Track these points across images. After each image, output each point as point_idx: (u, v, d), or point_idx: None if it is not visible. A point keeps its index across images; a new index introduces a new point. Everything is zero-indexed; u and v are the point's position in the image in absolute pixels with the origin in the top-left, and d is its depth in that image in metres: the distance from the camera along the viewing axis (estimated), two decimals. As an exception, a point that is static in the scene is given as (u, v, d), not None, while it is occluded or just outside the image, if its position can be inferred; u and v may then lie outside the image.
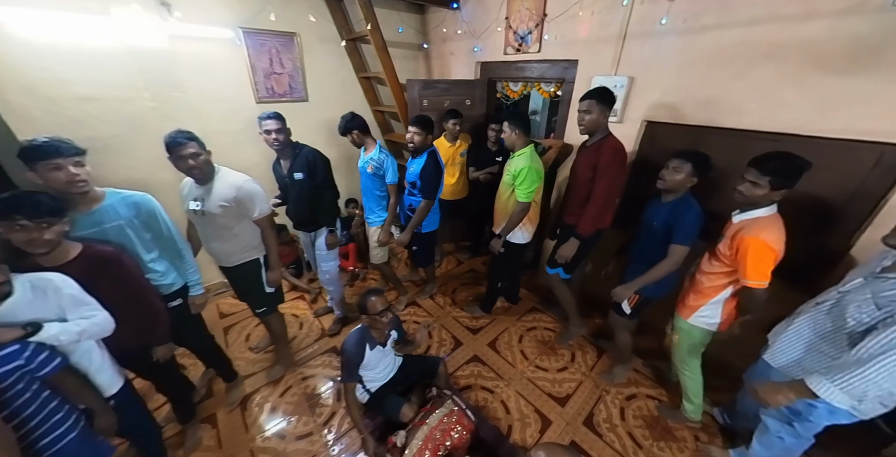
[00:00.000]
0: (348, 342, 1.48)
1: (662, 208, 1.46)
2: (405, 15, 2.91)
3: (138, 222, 1.24)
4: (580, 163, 1.78)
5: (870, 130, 1.31)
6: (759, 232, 1.17)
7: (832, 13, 1.29)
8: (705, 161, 1.37)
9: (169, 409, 1.61)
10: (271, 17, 2.16)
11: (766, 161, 1.16)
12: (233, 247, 1.55)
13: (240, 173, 1.50)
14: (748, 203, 1.23)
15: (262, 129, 1.69)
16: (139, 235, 1.25)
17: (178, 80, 2.06)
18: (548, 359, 2.08)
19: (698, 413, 1.63)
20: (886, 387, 0.86)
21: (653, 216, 1.50)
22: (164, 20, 1.90)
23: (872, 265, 1.03)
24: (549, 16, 2.18)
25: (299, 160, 1.79)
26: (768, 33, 1.44)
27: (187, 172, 1.39)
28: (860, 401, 0.93)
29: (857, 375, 0.88)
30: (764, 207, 1.21)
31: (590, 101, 1.60)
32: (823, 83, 1.36)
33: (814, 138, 1.42)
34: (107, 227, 1.17)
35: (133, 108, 1.95)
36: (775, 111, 1.49)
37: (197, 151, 1.35)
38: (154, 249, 1.31)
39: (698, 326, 1.43)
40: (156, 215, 1.29)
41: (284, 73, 2.49)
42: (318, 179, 1.82)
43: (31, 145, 1.02)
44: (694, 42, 1.64)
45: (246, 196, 1.47)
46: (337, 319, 2.28)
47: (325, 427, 1.65)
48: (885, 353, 0.84)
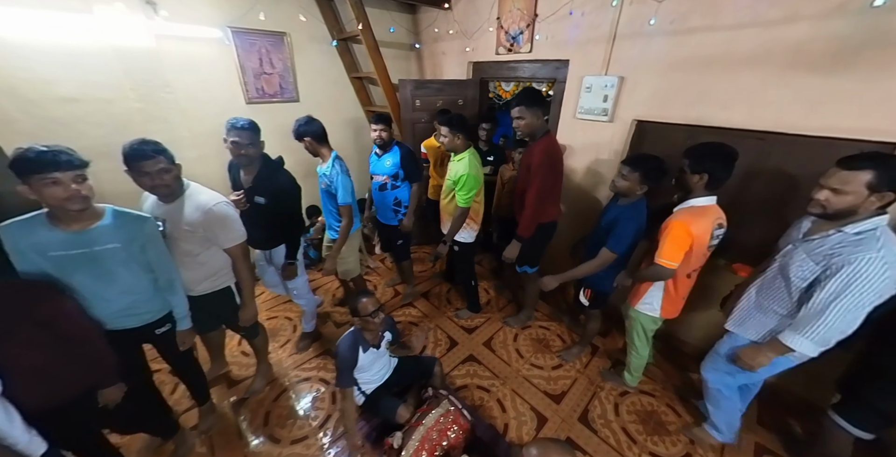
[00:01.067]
0: (341, 345, 1.47)
1: (614, 210, 1.53)
2: (396, 15, 2.90)
3: (135, 246, 1.13)
4: (522, 166, 1.88)
5: (850, 128, 1.34)
6: (684, 217, 1.29)
7: (814, 15, 1.32)
8: (657, 168, 1.38)
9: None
10: (260, 17, 2.13)
11: (692, 152, 1.30)
12: (197, 275, 1.36)
13: (212, 193, 1.32)
14: (685, 192, 1.35)
15: (229, 139, 1.42)
16: (133, 260, 1.14)
17: (166, 81, 2.02)
18: (543, 357, 2.09)
19: (635, 382, 1.84)
20: (841, 328, 1.00)
21: (604, 216, 1.59)
22: (150, 19, 1.86)
23: (794, 234, 1.18)
24: (539, 16, 2.19)
25: (266, 183, 1.54)
26: (753, 35, 1.47)
27: (151, 190, 1.19)
28: (825, 346, 1.05)
29: (820, 324, 1.01)
30: (700, 197, 1.31)
31: (520, 108, 1.61)
32: (806, 83, 1.39)
33: (798, 136, 1.46)
34: (98, 249, 1.04)
35: (118, 109, 1.91)
36: (761, 110, 1.52)
37: (166, 167, 1.16)
38: (149, 275, 1.20)
39: (643, 313, 1.55)
40: (154, 240, 1.18)
41: (275, 74, 2.47)
42: (281, 210, 1.59)
43: (24, 156, 0.89)
44: (682, 43, 1.67)
45: (215, 221, 1.28)
46: (304, 334, 2.12)
47: (321, 430, 1.64)
48: (835, 299, 0.98)
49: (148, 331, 1.27)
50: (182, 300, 1.30)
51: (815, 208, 1.05)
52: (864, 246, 0.95)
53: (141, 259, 1.16)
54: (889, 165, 0.93)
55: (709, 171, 1.25)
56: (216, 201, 1.30)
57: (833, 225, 1.04)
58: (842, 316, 0.98)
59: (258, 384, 1.82)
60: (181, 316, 1.31)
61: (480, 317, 2.41)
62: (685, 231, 1.27)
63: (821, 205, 1.02)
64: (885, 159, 0.95)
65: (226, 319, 1.58)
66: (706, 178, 1.26)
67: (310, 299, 2.03)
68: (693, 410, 1.76)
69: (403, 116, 2.66)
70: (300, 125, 1.73)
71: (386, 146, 2.04)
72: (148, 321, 1.25)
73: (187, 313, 1.33)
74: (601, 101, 2.03)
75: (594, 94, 2.06)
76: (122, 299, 1.16)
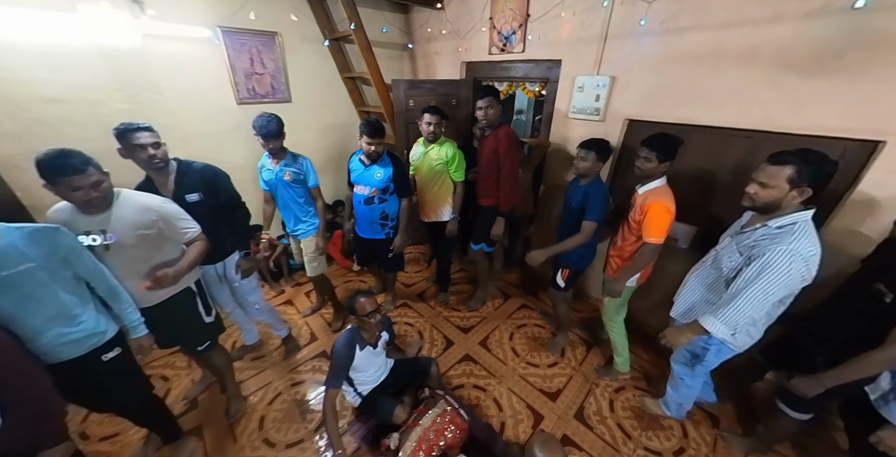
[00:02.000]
0: (338, 343, 1.47)
1: (579, 190, 1.68)
2: (389, 15, 2.89)
3: (55, 261, 1.00)
4: (484, 149, 2.01)
5: (835, 127, 1.37)
6: (660, 197, 1.43)
7: (799, 16, 1.35)
8: (606, 148, 1.61)
9: None
10: (251, 16, 2.11)
11: (653, 140, 1.44)
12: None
13: (147, 194, 1.25)
14: (645, 176, 1.49)
15: (135, 142, 1.26)
16: (57, 277, 1.01)
17: (153, 81, 1.98)
18: (538, 355, 2.10)
19: (626, 366, 1.89)
20: (750, 314, 1.07)
21: (571, 198, 1.73)
22: (137, 18, 1.83)
23: (735, 227, 1.26)
24: (532, 16, 2.20)
25: (189, 180, 1.43)
26: (740, 35, 1.49)
27: (84, 205, 1.08)
28: (735, 331, 1.14)
29: (731, 308, 1.08)
30: (658, 179, 1.48)
31: (489, 98, 1.85)
32: (792, 83, 1.42)
33: (785, 135, 1.49)
34: (5, 275, 0.91)
35: (105, 110, 1.87)
36: (749, 109, 1.55)
37: (98, 179, 1.06)
38: (79, 291, 1.08)
39: (627, 286, 1.67)
40: (76, 249, 1.06)
41: (266, 74, 2.44)
42: (221, 199, 1.50)
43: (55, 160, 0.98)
44: (672, 43, 1.69)
45: (171, 216, 1.24)
46: (284, 340, 2.05)
47: (317, 433, 1.63)
48: (747, 286, 1.05)
49: (93, 359, 1.10)
50: (131, 307, 1.20)
51: (746, 201, 1.11)
52: (780, 239, 1.01)
53: (66, 275, 1.04)
54: (809, 160, 0.98)
55: (665, 157, 1.44)
56: (162, 200, 1.26)
57: (762, 219, 1.11)
58: (750, 303, 1.05)
59: (235, 410, 1.67)
60: (135, 323, 1.21)
61: (476, 316, 2.42)
62: (666, 209, 1.42)
63: (750, 198, 1.09)
64: (806, 155, 0.99)
65: (184, 325, 1.42)
66: (658, 163, 1.45)
67: (272, 313, 1.94)
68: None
69: (397, 117, 2.65)
70: (269, 121, 1.66)
71: (377, 157, 1.87)
72: (93, 347, 1.10)
73: (141, 319, 1.22)
74: (593, 100, 2.05)
75: (586, 93, 2.07)
76: (52, 327, 1.01)
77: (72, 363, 1.07)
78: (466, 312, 2.45)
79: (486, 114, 1.87)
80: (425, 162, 2.06)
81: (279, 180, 1.82)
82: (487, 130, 1.98)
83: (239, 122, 2.41)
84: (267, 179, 1.86)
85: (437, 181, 2.07)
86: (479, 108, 1.88)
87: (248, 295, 1.77)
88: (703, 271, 1.29)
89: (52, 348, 1.03)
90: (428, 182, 2.09)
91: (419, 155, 2.09)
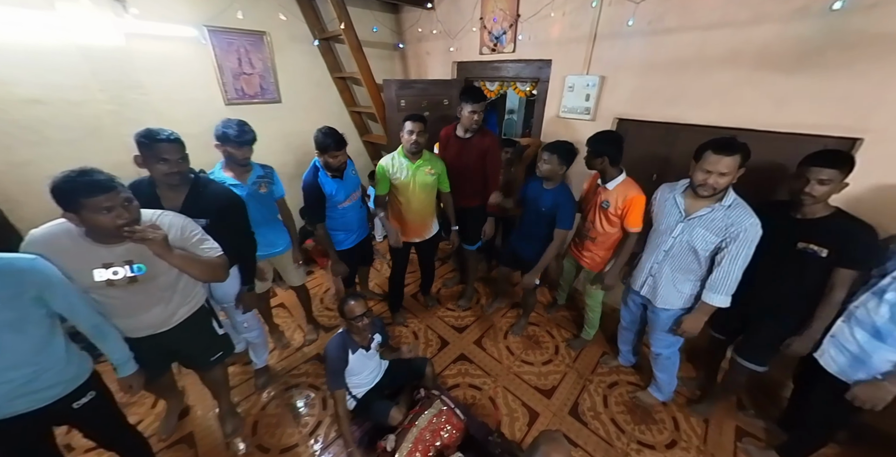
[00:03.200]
0: (330, 347, 1.46)
1: (547, 194, 1.73)
2: (379, 14, 2.88)
3: (28, 301, 0.86)
4: (471, 153, 1.97)
5: (815, 125, 1.42)
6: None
7: (780, 17, 1.39)
8: (569, 151, 1.64)
9: None
10: (238, 15, 2.08)
11: (590, 141, 1.58)
12: (177, 305, 1.18)
13: (169, 212, 1.13)
14: (606, 174, 1.61)
15: (160, 155, 1.15)
16: (30, 318, 0.88)
17: (138, 81, 1.94)
18: (533, 353, 2.12)
19: (591, 335, 2.12)
20: (738, 278, 1.25)
21: (539, 201, 1.76)
22: (119, 17, 1.79)
23: (673, 216, 1.37)
24: (522, 16, 2.22)
25: (203, 202, 1.28)
26: (724, 36, 1.53)
27: (112, 231, 0.92)
28: (731, 295, 1.28)
29: (730, 280, 1.25)
30: (620, 175, 1.60)
31: (482, 104, 1.85)
32: (774, 82, 1.46)
33: (768, 132, 1.53)
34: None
35: (87, 111, 1.82)
36: (733, 108, 1.59)
37: (128, 196, 0.94)
38: (49, 332, 0.93)
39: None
40: (55, 284, 0.90)
41: (255, 74, 2.41)
42: (229, 228, 1.35)
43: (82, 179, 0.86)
44: (659, 43, 1.72)
45: (188, 230, 1.11)
46: (260, 371, 1.86)
47: (311, 437, 1.61)
48: (737, 257, 1.22)
49: (62, 408, 0.97)
50: (118, 344, 1.08)
51: (706, 191, 1.23)
52: (745, 213, 1.21)
53: (38, 315, 0.89)
54: (745, 146, 1.17)
55: (606, 153, 1.55)
56: (162, 212, 1.10)
57: (708, 202, 1.27)
58: (740, 269, 1.23)
59: (233, 426, 1.59)
60: (122, 361, 1.09)
61: (470, 316, 2.42)
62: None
63: (711, 187, 1.21)
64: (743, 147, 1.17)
65: (202, 341, 1.36)
66: (606, 159, 1.55)
67: (260, 331, 1.80)
68: (680, 397, 1.82)
69: (389, 117, 2.64)
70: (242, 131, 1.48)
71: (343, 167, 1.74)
72: (58, 396, 0.95)
73: (129, 355, 1.10)
74: (583, 100, 2.07)
75: (576, 93, 2.09)
76: (8, 376, 0.86)
77: (27, 418, 0.90)
78: (461, 312, 2.46)
79: (479, 119, 1.85)
80: (419, 178, 1.82)
81: (252, 196, 1.57)
82: (470, 131, 1.93)
83: (227, 123, 2.37)
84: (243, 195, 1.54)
85: (431, 196, 1.94)
86: (472, 111, 1.80)
87: (238, 315, 1.64)
88: (676, 259, 1.39)
89: (5, 402, 0.87)
90: (423, 199, 1.90)
91: (406, 172, 1.80)
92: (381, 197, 1.91)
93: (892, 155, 1.30)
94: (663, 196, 1.44)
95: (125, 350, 1.10)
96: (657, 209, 1.46)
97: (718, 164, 1.17)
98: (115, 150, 1.90)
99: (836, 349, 1.18)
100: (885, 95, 1.26)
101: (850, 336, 1.14)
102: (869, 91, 1.29)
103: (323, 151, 1.61)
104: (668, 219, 1.38)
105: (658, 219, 1.45)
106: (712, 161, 1.18)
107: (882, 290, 1.08)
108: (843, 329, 1.17)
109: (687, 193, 1.35)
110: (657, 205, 1.47)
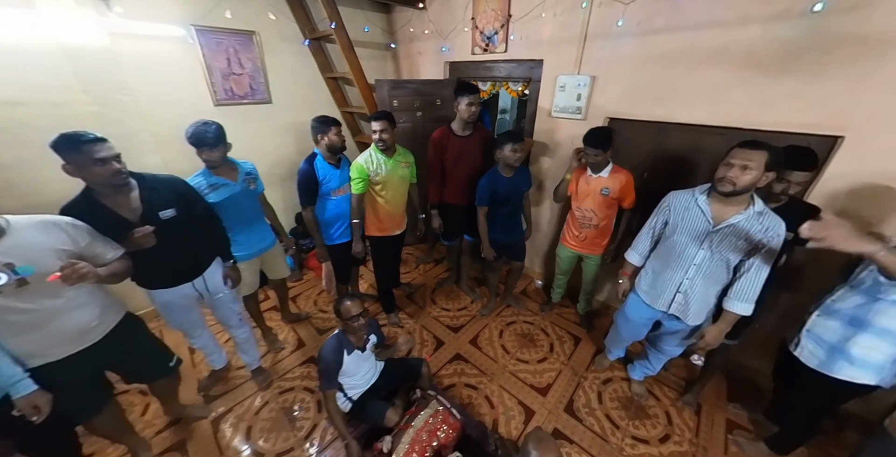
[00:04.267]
0: (325, 349, 1.44)
1: (518, 178, 1.92)
2: (370, 14, 2.86)
3: None
4: (474, 149, 2.08)
5: (799, 123, 1.45)
6: (626, 172, 1.77)
7: (763, 19, 1.42)
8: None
9: None
10: (227, 15, 2.05)
11: (594, 137, 1.69)
12: (91, 313, 1.10)
13: (30, 215, 1.03)
14: (601, 165, 1.78)
15: (92, 156, 1.06)
16: None
17: (123, 82, 1.89)
18: (528, 351, 2.13)
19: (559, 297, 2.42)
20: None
21: (514, 187, 1.91)
22: (103, 16, 1.74)
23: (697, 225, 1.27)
24: (513, 17, 2.22)
25: (162, 193, 1.26)
26: (711, 36, 1.56)
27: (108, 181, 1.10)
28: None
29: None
30: (609, 162, 1.78)
31: (476, 96, 1.94)
32: (760, 82, 1.49)
33: (755, 131, 1.56)
34: None
35: (69, 112, 1.77)
36: (721, 107, 1.62)
37: (118, 153, 1.07)
38: None
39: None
40: None
41: (244, 74, 2.37)
42: (196, 211, 1.37)
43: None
44: (648, 43, 1.74)
45: (85, 230, 1.07)
46: (256, 371, 1.86)
47: (307, 441, 1.60)
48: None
49: None
50: (3, 359, 0.96)
51: (726, 186, 1.14)
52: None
53: None
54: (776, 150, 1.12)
55: (610, 147, 1.71)
56: (51, 215, 1.04)
57: (733, 209, 1.19)
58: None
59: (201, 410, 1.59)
60: (13, 380, 0.96)
61: (465, 315, 2.42)
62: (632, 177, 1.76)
63: (731, 182, 1.13)
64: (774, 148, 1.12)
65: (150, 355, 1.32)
66: (609, 152, 1.74)
67: (247, 326, 1.77)
68: (671, 390, 1.85)
69: (381, 117, 2.63)
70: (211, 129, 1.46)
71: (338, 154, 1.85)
72: None
73: (21, 374, 0.97)
74: (575, 99, 2.09)
75: (568, 92, 2.11)
76: None
77: None
78: (456, 311, 2.46)
79: (478, 110, 1.94)
80: (397, 172, 1.89)
81: (243, 193, 1.61)
82: (468, 128, 2.02)
83: (217, 123, 2.34)
84: (225, 197, 1.55)
85: (406, 187, 2.03)
86: (470, 104, 1.90)
87: (233, 304, 1.66)
88: (710, 272, 1.28)
89: None
90: (403, 191, 1.99)
91: (386, 167, 1.83)
92: (358, 197, 1.84)
93: (869, 152, 1.34)
94: (679, 202, 1.31)
95: (13, 367, 0.97)
96: (673, 217, 1.32)
97: (742, 155, 1.10)
98: (101, 152, 1.86)
99: (815, 343, 1.19)
100: (861, 96, 1.30)
101: (827, 328, 1.16)
102: (845, 92, 1.32)
103: (325, 130, 1.73)
104: (693, 227, 1.26)
105: (678, 228, 1.30)
106: (737, 154, 1.11)
107: (860, 282, 1.09)
108: (817, 323, 1.19)
109: (712, 197, 1.23)
110: (673, 212, 1.33)
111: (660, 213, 1.41)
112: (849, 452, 1.42)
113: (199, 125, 1.46)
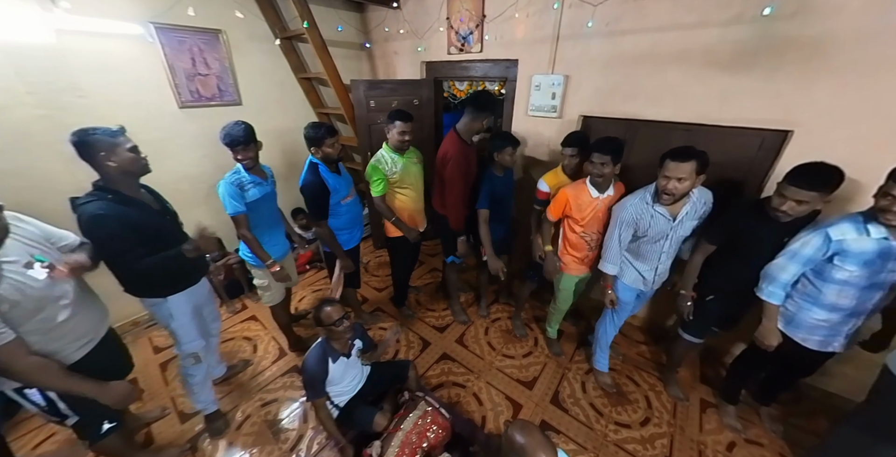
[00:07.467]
0: (309, 360, 1.40)
1: (508, 178, 1.92)
2: (344, 13, 2.81)
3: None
4: (474, 159, 1.88)
5: (754, 119, 1.55)
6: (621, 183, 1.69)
7: (720, 22, 1.50)
8: (517, 142, 1.79)
9: None
10: (189, 12, 1.94)
11: (605, 144, 1.51)
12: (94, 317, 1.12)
13: None
14: (607, 182, 1.60)
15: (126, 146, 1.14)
16: None
17: (74, 83, 1.77)
18: (513, 347, 2.16)
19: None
20: None
21: (506, 187, 1.91)
22: (47, 11, 1.62)
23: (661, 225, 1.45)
24: (487, 17, 2.25)
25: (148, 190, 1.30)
26: (674, 37, 1.63)
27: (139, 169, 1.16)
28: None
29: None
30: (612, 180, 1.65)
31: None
32: (719, 80, 1.57)
33: (716, 127, 1.65)
34: None
35: (13, 116, 1.64)
36: (685, 104, 1.70)
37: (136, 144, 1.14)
38: None
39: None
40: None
41: (211, 75, 2.27)
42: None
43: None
44: (616, 44, 1.81)
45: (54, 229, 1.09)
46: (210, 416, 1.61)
47: (293, 453, 1.55)
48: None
49: None
50: None
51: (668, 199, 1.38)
52: (705, 191, 1.45)
53: None
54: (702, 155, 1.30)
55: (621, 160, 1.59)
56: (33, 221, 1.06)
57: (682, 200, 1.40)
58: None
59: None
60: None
61: (450, 315, 2.42)
62: None
63: (672, 193, 1.34)
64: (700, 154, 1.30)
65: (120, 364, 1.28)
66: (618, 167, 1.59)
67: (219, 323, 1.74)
68: (650, 377, 1.93)
69: (358, 118, 2.59)
70: (246, 131, 1.51)
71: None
72: None
73: None
74: (550, 98, 2.14)
75: (543, 92, 2.16)
76: None
77: None
78: (441, 311, 2.46)
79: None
80: (412, 169, 1.89)
81: (272, 194, 1.68)
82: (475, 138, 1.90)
83: (183, 127, 2.22)
84: (256, 198, 1.55)
85: (422, 183, 2.01)
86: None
87: (214, 322, 1.65)
88: (671, 251, 1.53)
89: None
90: (420, 187, 1.97)
91: (401, 165, 1.83)
92: (381, 198, 1.84)
93: (815, 145, 1.45)
94: (638, 211, 1.45)
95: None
96: (641, 227, 1.46)
97: (676, 170, 1.28)
98: (47, 158, 1.73)
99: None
100: (808, 94, 1.41)
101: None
102: (795, 91, 1.43)
103: (319, 143, 1.61)
104: (659, 228, 1.44)
105: (648, 233, 1.47)
106: (671, 168, 1.29)
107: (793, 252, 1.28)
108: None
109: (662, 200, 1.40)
110: (640, 223, 1.46)
111: (625, 226, 1.49)
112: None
113: (231, 126, 1.49)
